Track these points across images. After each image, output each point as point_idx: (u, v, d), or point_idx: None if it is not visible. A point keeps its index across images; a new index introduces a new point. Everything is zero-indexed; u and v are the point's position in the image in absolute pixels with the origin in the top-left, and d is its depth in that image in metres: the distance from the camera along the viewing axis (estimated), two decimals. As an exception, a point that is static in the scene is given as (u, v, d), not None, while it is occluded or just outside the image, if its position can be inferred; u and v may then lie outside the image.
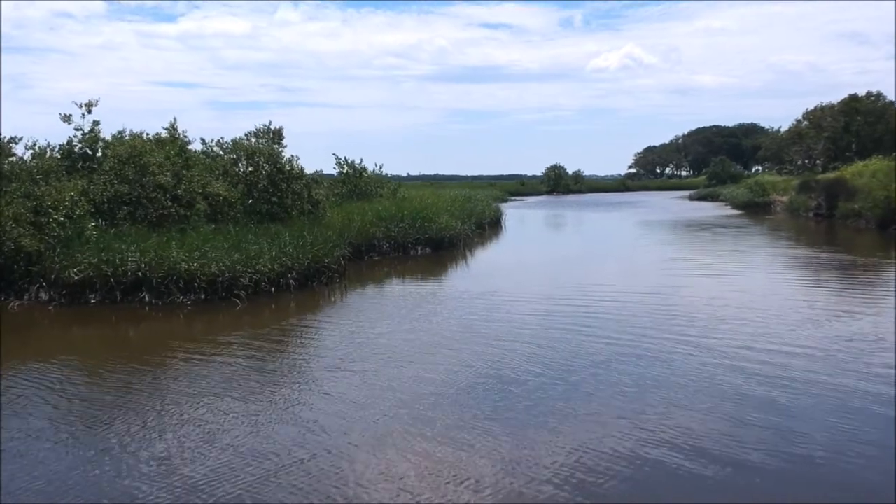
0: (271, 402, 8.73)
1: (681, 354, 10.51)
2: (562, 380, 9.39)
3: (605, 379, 9.38)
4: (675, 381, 9.20)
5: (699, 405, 8.26)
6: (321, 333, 13.02)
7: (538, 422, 7.80)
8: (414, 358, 10.68)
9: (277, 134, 22.16)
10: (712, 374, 9.48)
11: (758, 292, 16.23)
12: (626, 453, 6.89)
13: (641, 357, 10.41)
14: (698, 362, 10.07)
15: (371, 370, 10.03)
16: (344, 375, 9.84)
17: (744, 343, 11.09)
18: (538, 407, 8.29)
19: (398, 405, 8.44)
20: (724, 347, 10.86)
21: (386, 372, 9.92)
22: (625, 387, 9.00)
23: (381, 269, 21.63)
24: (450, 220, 26.04)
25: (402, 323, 13.44)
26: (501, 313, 14.08)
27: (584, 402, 8.47)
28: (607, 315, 13.62)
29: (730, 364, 9.92)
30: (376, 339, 12.13)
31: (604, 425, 7.68)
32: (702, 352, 10.64)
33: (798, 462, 6.68)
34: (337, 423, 7.89)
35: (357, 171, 30.61)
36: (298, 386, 9.45)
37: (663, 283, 17.65)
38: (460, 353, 10.94)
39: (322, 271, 17.78)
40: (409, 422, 7.86)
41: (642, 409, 8.16)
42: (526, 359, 10.46)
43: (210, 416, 8.17)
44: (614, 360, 10.31)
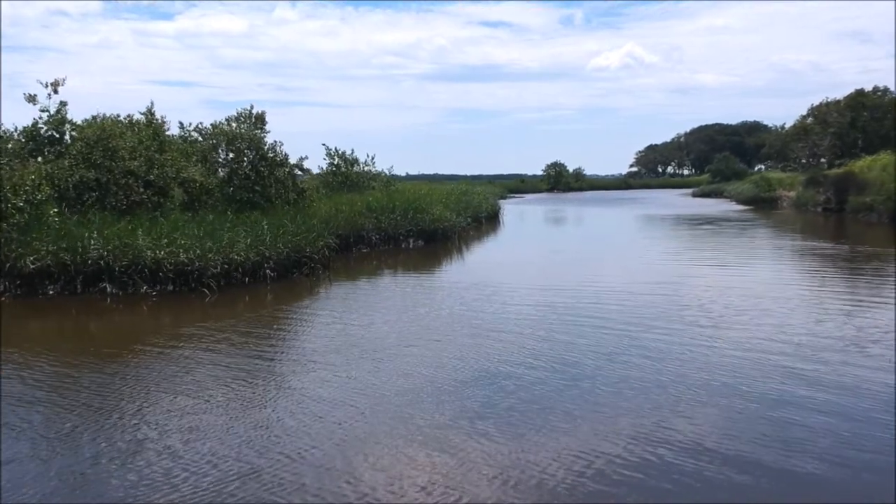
0: (227, 400, 7.49)
1: (696, 347, 9.28)
2: (561, 373, 8.17)
3: (608, 374, 8.14)
4: (690, 376, 7.97)
5: (717, 402, 7.03)
6: (295, 326, 11.79)
7: (535, 422, 6.57)
8: (395, 351, 9.44)
9: (260, 119, 20.92)
10: (732, 368, 8.25)
11: (776, 284, 15.00)
12: (634, 458, 5.66)
13: (648, 350, 9.18)
14: (714, 356, 8.84)
15: (346, 364, 8.79)
16: (315, 371, 8.61)
17: (766, 335, 9.86)
18: (535, 404, 7.07)
19: (375, 403, 7.21)
20: (742, 340, 9.63)
21: (363, 366, 8.68)
22: (631, 382, 7.76)
23: (369, 262, 20.40)
24: (443, 211, 24.79)
25: (386, 314, 12.20)
26: (496, 305, 12.83)
27: (585, 399, 7.23)
28: (612, 307, 12.38)
29: (753, 358, 8.69)
30: (354, 331, 10.89)
31: (607, 425, 6.45)
32: (717, 344, 9.41)
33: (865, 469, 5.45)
34: (299, 425, 6.66)
35: (348, 162, 29.36)
36: (261, 383, 8.20)
37: (672, 276, 16.42)
38: (447, 345, 9.71)
39: (303, 262, 16.54)
40: (388, 422, 6.64)
41: (650, 406, 6.93)
42: (522, 351, 9.23)
43: (153, 418, 6.94)
44: (619, 353, 9.08)
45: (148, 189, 17.56)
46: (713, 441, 6.03)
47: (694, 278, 15.93)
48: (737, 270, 17.29)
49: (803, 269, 17.95)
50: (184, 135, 20.12)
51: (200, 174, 18.06)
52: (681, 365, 8.40)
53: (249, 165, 20.02)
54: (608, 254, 22.92)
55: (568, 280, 15.67)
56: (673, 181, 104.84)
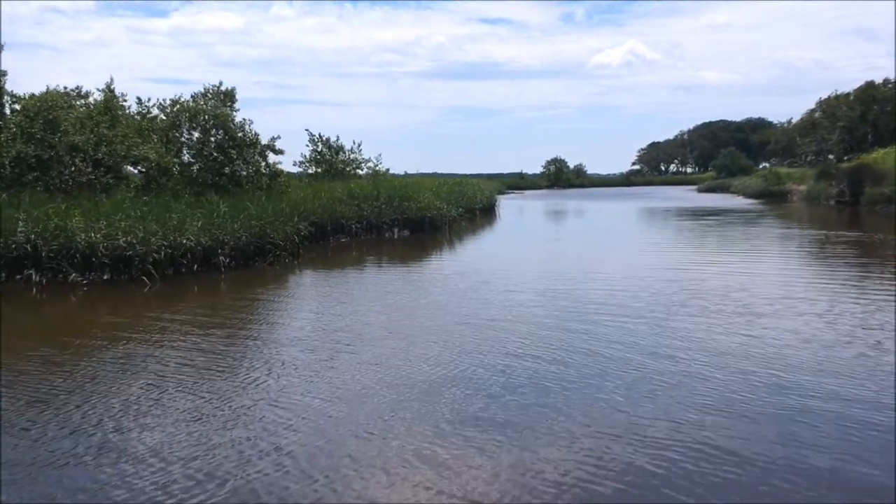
0: (142, 399, 5.65)
1: (712, 346, 7.43)
2: (558, 369, 6.33)
3: (610, 370, 6.30)
4: (704, 378, 6.12)
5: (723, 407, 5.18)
6: (243, 318, 9.92)
7: (530, 426, 4.74)
8: (363, 347, 7.61)
9: (229, 95, 19.06)
10: (744, 370, 6.40)
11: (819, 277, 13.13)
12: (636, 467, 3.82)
13: (654, 349, 7.33)
14: (727, 354, 6.99)
15: (294, 361, 6.96)
16: (257, 369, 6.79)
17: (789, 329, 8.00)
18: (531, 407, 5.24)
19: (329, 402, 5.42)
20: (759, 336, 7.78)
21: (316, 364, 6.86)
22: (632, 382, 5.92)
23: (348, 252, 18.54)
24: (432, 199, 22.91)
25: (355, 305, 10.36)
26: (487, 294, 10.97)
27: (586, 400, 5.39)
28: (615, 301, 10.52)
29: (769, 355, 6.84)
30: (313, 324, 9.07)
31: (607, 433, 4.61)
32: (733, 339, 7.56)
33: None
34: (232, 438, 4.82)
35: (333, 149, 27.50)
36: (188, 386, 6.36)
37: (684, 268, 14.57)
38: (420, 339, 7.87)
39: (268, 249, 14.69)
40: (341, 432, 4.82)
41: (657, 413, 5.09)
42: (513, 345, 7.39)
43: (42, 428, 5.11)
44: (620, 350, 7.23)
45: (98, 169, 15.74)
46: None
47: (713, 273, 14.07)
48: (771, 263, 15.43)
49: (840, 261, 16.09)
50: (142, 111, 18.24)
51: (156, 152, 16.18)
52: (698, 368, 6.55)
53: (215, 145, 18.17)
54: (616, 249, 21.04)
55: (570, 273, 13.80)
56: (675, 178, 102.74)
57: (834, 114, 60.31)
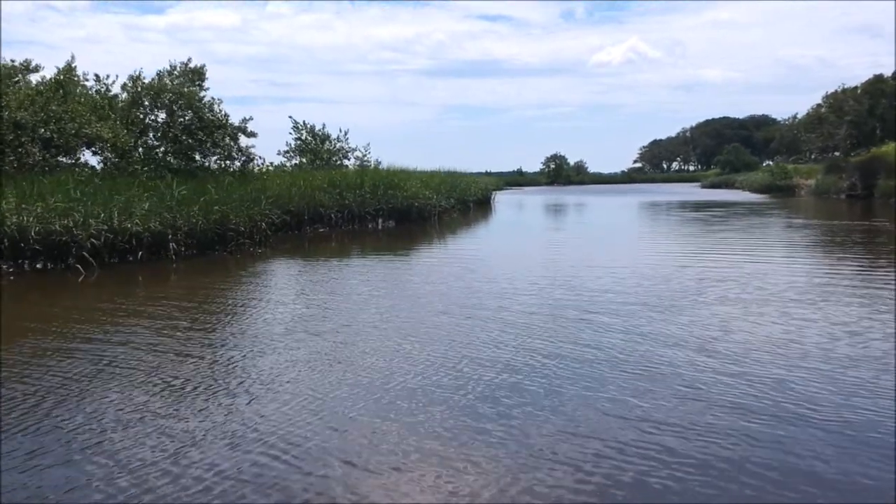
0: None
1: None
2: (547, 372, 4.90)
3: (606, 376, 4.86)
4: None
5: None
6: (184, 312, 8.47)
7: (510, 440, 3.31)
8: (288, 342, 6.16)
9: (198, 73, 17.59)
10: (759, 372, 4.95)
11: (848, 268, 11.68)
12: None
13: (658, 353, 5.89)
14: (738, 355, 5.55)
15: (214, 361, 5.53)
16: (195, 371, 5.35)
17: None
18: (511, 417, 3.81)
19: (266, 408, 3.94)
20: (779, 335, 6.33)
21: (258, 362, 5.43)
22: (634, 389, 4.47)
23: (326, 242, 17.10)
24: (420, 188, 21.43)
25: (315, 297, 8.92)
26: (475, 288, 9.53)
27: (579, 407, 3.95)
28: (618, 298, 9.08)
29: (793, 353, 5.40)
30: (253, 318, 7.62)
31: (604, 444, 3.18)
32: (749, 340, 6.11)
33: None
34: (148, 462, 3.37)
35: (318, 137, 26.02)
36: (111, 393, 4.91)
37: (697, 266, 13.13)
38: (372, 334, 6.42)
39: (229, 237, 13.25)
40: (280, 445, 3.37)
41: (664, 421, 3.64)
42: (491, 345, 5.95)
43: None
44: (619, 353, 5.79)
45: (47, 149, 14.31)
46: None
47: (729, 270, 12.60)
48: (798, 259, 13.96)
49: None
50: (100, 88, 16.77)
51: (112, 132, 14.72)
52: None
53: (181, 126, 16.72)
54: (619, 242, 19.57)
55: (567, 269, 12.35)
56: (678, 176, 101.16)
57: (841, 108, 58.66)
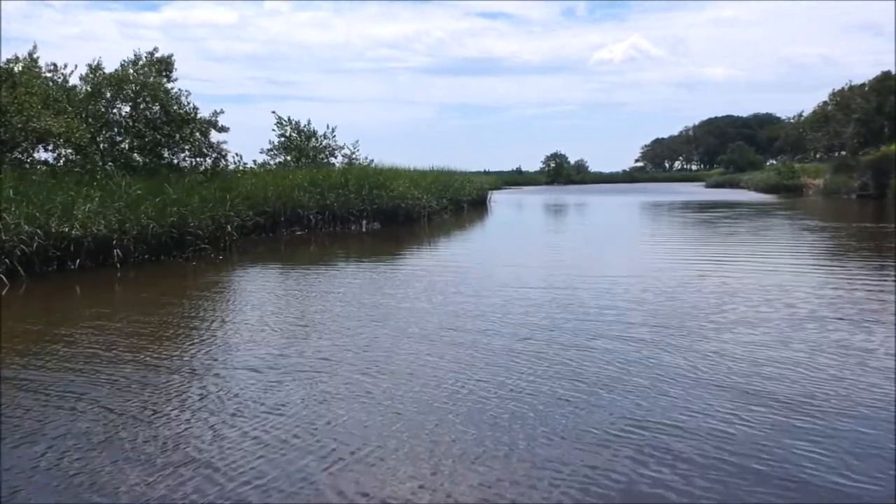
0: None
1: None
2: (536, 434, 3.58)
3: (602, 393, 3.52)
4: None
5: None
6: (94, 336, 7.14)
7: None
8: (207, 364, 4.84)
9: (165, 64, 16.26)
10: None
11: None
12: None
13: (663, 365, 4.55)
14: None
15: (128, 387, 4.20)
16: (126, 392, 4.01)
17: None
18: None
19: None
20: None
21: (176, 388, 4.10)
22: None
23: (304, 245, 15.78)
24: (408, 187, 20.09)
25: (263, 318, 7.60)
26: (463, 298, 8.21)
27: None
28: (623, 318, 7.77)
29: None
30: (191, 353, 6.30)
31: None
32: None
33: None
34: None
35: (304, 134, 24.68)
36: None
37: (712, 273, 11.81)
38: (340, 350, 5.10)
39: (188, 241, 11.93)
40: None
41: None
42: (472, 390, 4.63)
43: None
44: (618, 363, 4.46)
45: (-8, 145, 13.00)
46: None
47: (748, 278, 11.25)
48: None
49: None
50: (56, 78, 15.44)
51: (66, 126, 13.38)
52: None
53: (144, 121, 15.41)
54: (625, 247, 18.22)
55: (567, 274, 11.03)
56: (681, 175, 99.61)
57: (848, 106, 57.33)
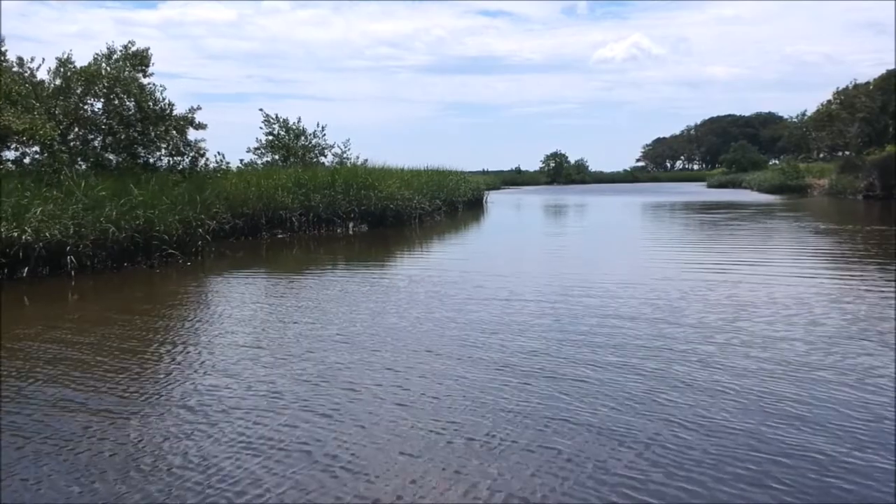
0: None
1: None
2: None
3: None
4: None
5: None
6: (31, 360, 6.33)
7: None
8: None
9: (140, 58, 15.44)
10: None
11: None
12: None
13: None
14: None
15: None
16: None
17: None
18: None
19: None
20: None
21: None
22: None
23: (286, 250, 14.98)
24: (399, 187, 19.26)
25: (226, 324, 6.79)
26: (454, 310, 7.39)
27: None
28: (629, 342, 6.95)
29: None
30: (131, 386, 5.49)
31: None
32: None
33: None
34: None
35: (292, 132, 23.83)
36: None
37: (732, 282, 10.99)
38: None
39: (154, 247, 11.12)
40: None
41: None
42: (447, 439, 3.82)
43: None
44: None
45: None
46: None
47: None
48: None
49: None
50: (22, 72, 14.61)
51: (31, 123, 12.56)
52: None
53: (117, 117, 14.60)
54: (632, 253, 17.39)
55: (566, 294, 10.21)
56: (683, 174, 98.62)
57: (852, 105, 56.46)
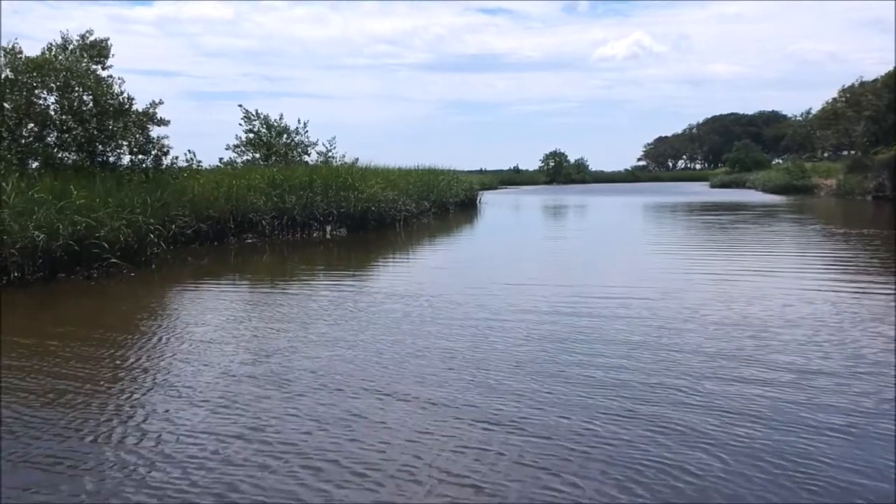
0: None
1: None
2: None
3: None
4: None
5: None
6: None
7: None
8: None
9: (98, 49, 14.28)
10: None
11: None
12: None
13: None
14: None
15: None
16: None
17: None
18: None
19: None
20: None
21: None
22: None
23: (250, 257, 13.80)
24: (379, 188, 18.06)
25: (148, 354, 5.61)
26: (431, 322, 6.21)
27: None
28: (640, 379, 5.78)
29: None
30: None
31: None
32: None
33: None
34: None
35: (273, 129, 22.65)
36: None
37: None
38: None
39: (94, 255, 9.95)
40: None
41: None
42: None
43: None
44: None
45: None
46: None
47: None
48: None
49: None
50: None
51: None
52: None
53: (72, 112, 13.44)
54: (639, 261, 16.19)
55: (562, 314, 9.02)
56: (685, 174, 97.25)
57: (858, 103, 55.23)
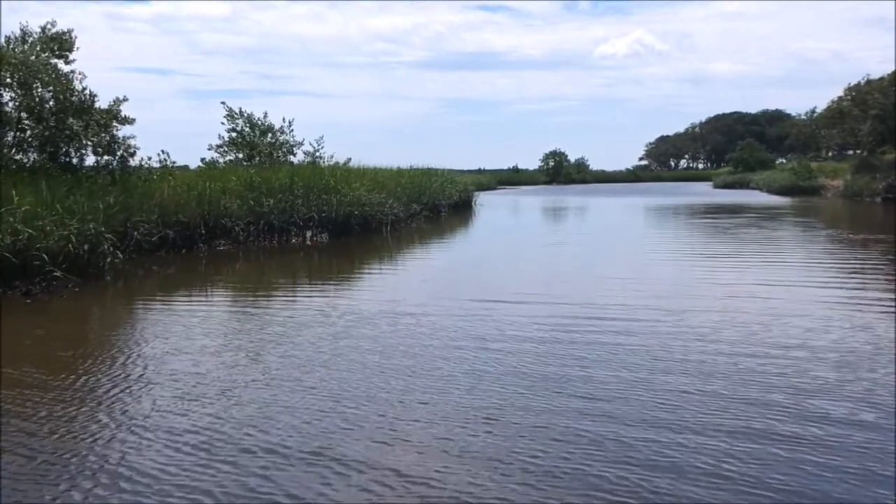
0: None
1: None
2: None
3: None
4: None
5: None
6: None
7: None
8: None
9: (60, 41, 13.32)
10: None
11: None
12: None
13: None
14: None
15: None
16: None
17: None
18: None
19: None
20: None
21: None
22: None
23: (230, 263, 12.87)
24: (367, 190, 17.08)
25: (71, 394, 4.66)
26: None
27: None
28: (661, 436, 4.79)
29: None
30: None
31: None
32: None
33: None
34: None
35: (257, 128, 21.67)
36: None
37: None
38: None
39: (35, 267, 9.00)
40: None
41: None
42: None
43: None
44: None
45: None
46: None
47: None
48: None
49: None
50: None
51: None
52: None
53: (27, 110, 12.51)
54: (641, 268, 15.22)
55: (561, 342, 8.07)
56: (687, 174, 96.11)
57: (864, 101, 54.18)
